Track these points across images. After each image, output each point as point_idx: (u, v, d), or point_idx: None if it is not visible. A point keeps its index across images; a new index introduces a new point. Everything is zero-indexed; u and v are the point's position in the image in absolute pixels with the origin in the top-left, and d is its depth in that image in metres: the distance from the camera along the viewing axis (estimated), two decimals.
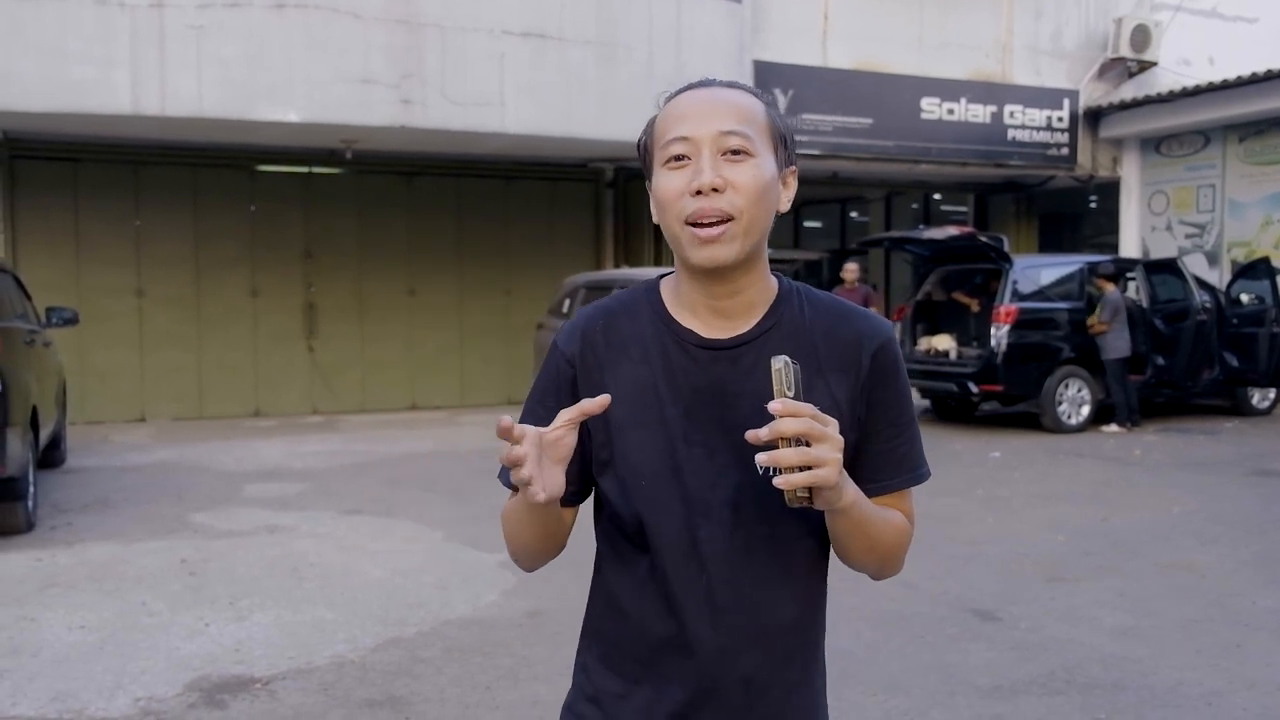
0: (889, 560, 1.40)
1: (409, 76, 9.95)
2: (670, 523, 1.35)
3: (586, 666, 1.46)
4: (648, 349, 1.38)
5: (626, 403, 1.37)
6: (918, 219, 17.71)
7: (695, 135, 1.31)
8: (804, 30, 12.88)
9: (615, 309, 1.44)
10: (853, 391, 1.37)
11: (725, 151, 1.30)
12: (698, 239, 1.30)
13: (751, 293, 1.37)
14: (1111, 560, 5.83)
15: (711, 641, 1.34)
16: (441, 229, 13.38)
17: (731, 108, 1.33)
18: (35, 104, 9.13)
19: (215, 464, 9.12)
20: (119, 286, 11.96)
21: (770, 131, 1.36)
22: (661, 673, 1.37)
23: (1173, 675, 4.11)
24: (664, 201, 1.33)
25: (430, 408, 13.23)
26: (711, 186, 1.28)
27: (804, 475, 1.16)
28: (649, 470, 1.35)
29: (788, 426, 1.15)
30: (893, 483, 1.40)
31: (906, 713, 3.78)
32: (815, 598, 1.42)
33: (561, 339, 1.45)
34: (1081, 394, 11.09)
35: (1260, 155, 13.60)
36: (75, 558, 5.93)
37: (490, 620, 4.75)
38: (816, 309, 1.41)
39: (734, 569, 1.34)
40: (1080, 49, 14.56)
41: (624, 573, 1.40)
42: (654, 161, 1.36)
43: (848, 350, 1.38)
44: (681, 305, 1.39)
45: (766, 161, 1.33)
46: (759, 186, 1.31)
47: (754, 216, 1.31)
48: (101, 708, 3.83)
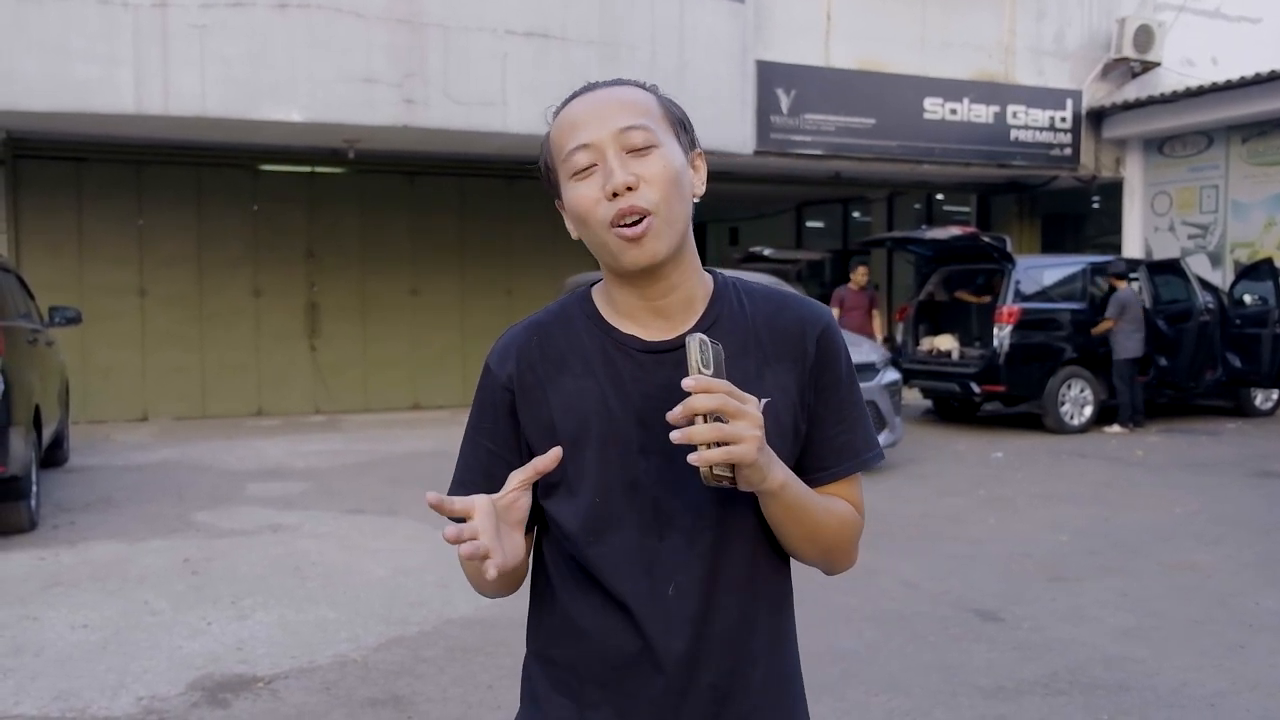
0: (835, 551, 1.36)
1: (412, 76, 9.95)
2: (630, 536, 1.30)
3: (536, 696, 1.39)
4: (589, 360, 1.33)
5: (574, 418, 1.32)
6: (920, 219, 17.70)
7: (595, 139, 1.28)
8: (807, 30, 12.87)
9: (546, 322, 1.39)
10: (801, 379, 1.34)
11: (629, 149, 1.27)
12: (625, 240, 1.26)
13: (687, 288, 1.34)
14: (1114, 560, 5.82)
15: (681, 653, 1.29)
16: (444, 228, 13.38)
17: (623, 104, 1.30)
18: (38, 103, 9.14)
19: (218, 463, 9.13)
20: (122, 286, 11.97)
21: (667, 119, 1.33)
22: (624, 692, 1.31)
23: (1176, 676, 4.11)
24: (581, 213, 1.29)
25: (433, 407, 13.23)
26: (626, 185, 1.25)
27: (718, 451, 1.14)
28: (605, 486, 1.30)
29: (701, 403, 1.13)
30: (837, 470, 1.36)
31: (908, 713, 3.78)
32: (780, 597, 1.38)
33: (494, 361, 1.38)
34: (1084, 394, 11.09)
35: (1263, 156, 13.58)
36: (78, 557, 5.94)
37: (492, 619, 4.75)
38: (754, 300, 1.38)
39: (699, 575, 1.30)
40: (1083, 49, 14.54)
41: (579, 593, 1.34)
42: (559, 177, 1.32)
43: (791, 338, 1.35)
44: (618, 312, 1.35)
45: (672, 149, 1.30)
46: (670, 175, 1.28)
47: (672, 206, 1.28)
48: (104, 707, 3.84)
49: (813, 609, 2.70)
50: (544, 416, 1.34)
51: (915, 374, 11.67)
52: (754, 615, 1.34)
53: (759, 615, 1.35)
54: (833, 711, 3.75)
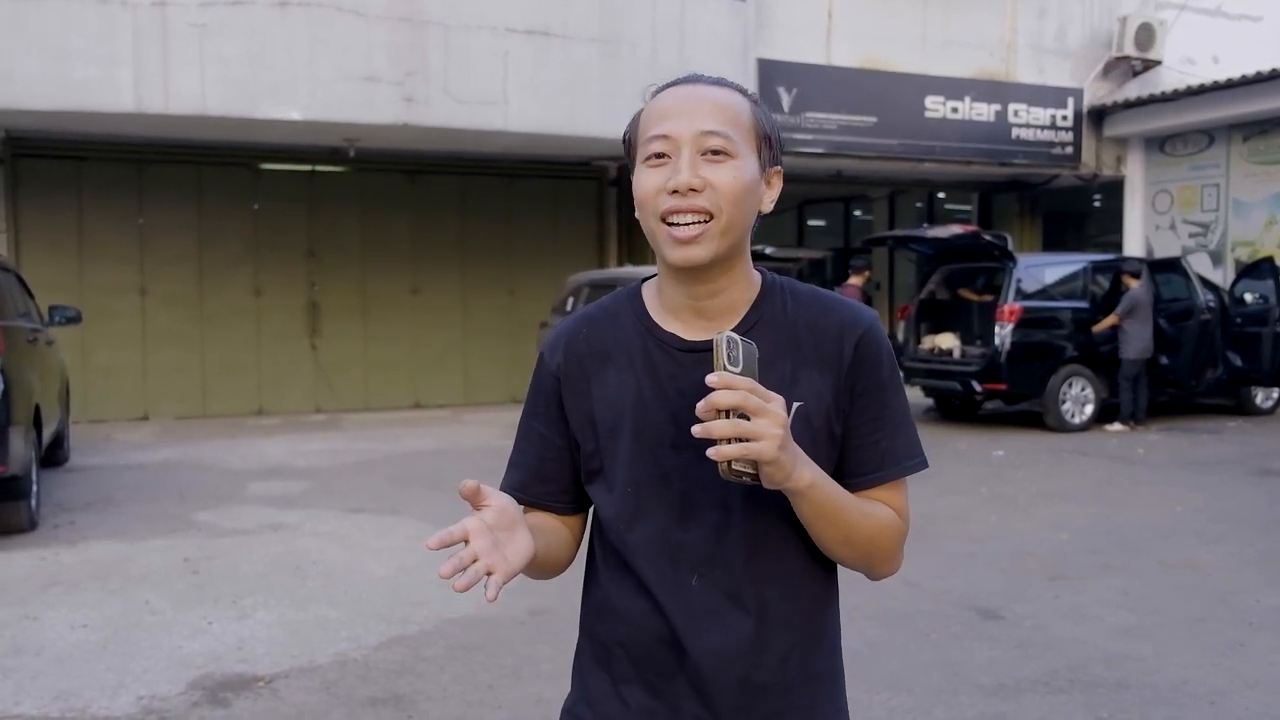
0: (874, 555, 1.35)
1: (412, 74, 9.95)
2: (659, 527, 1.34)
3: (582, 669, 1.45)
4: (632, 355, 1.37)
5: (614, 410, 1.36)
6: (921, 218, 17.69)
7: (675, 134, 1.29)
8: (808, 28, 12.87)
9: (597, 316, 1.43)
10: (837, 383, 1.35)
11: (705, 151, 1.29)
12: (673, 238, 1.29)
13: (733, 292, 1.36)
14: (1115, 559, 5.82)
15: (704, 643, 1.33)
16: (445, 227, 13.38)
17: (714, 106, 1.31)
18: (38, 102, 9.14)
19: (218, 462, 9.13)
20: (122, 285, 11.97)
21: (755, 131, 1.34)
22: (656, 673, 1.36)
23: (1176, 674, 4.10)
24: (642, 199, 1.32)
25: (434, 406, 13.23)
26: (689, 187, 1.27)
27: (736, 447, 1.15)
28: (638, 478, 1.35)
29: (723, 399, 1.14)
30: (876, 476, 1.36)
31: (910, 711, 3.77)
32: (814, 595, 1.39)
33: (546, 350, 1.44)
34: (1085, 393, 11.08)
35: (1264, 154, 13.57)
36: (78, 556, 5.94)
37: (494, 618, 4.75)
38: (799, 302, 1.39)
39: (724, 570, 1.33)
40: (1084, 48, 14.54)
41: (617, 576, 1.39)
42: (636, 157, 1.35)
43: (830, 341, 1.36)
44: (664, 308, 1.38)
45: (748, 162, 1.31)
46: (738, 188, 1.29)
47: (733, 217, 1.29)
48: (104, 706, 3.83)
49: None
50: (585, 407, 1.39)
51: (916, 372, 11.67)
52: (785, 612, 1.36)
53: (791, 613, 1.36)
54: None
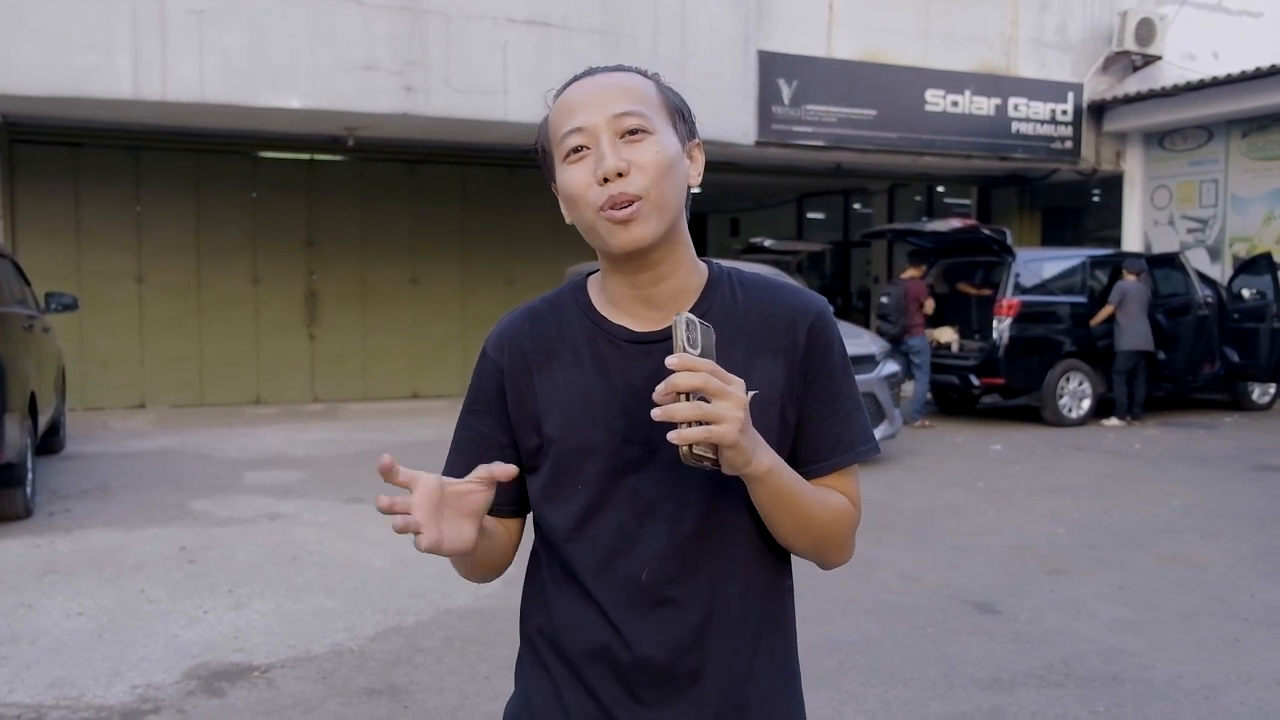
0: (827, 544, 1.34)
1: (412, 64, 9.91)
2: (609, 525, 1.31)
3: (523, 675, 1.42)
4: (578, 349, 1.34)
5: (560, 406, 1.33)
6: (921, 211, 17.69)
7: (590, 123, 1.27)
8: (809, 21, 12.83)
9: (540, 310, 1.40)
10: (790, 370, 1.33)
11: (623, 133, 1.27)
12: (613, 223, 1.26)
13: (678, 278, 1.33)
14: (1111, 553, 5.83)
15: (652, 640, 1.30)
16: (444, 217, 13.36)
17: (622, 89, 1.30)
18: (36, 89, 9.09)
19: (215, 451, 9.12)
20: (119, 272, 11.95)
21: (666, 107, 1.33)
22: (598, 675, 1.32)
23: (1171, 668, 4.11)
24: (573, 196, 1.29)
25: (432, 396, 13.22)
26: (616, 171, 1.25)
27: (698, 430, 1.12)
28: (588, 475, 1.31)
29: (683, 380, 1.12)
30: (828, 463, 1.35)
31: (905, 704, 3.78)
32: (767, 587, 1.37)
33: (490, 345, 1.40)
34: (1082, 387, 11.10)
35: (1263, 150, 13.56)
36: (74, 544, 5.93)
37: (491, 610, 4.75)
38: (748, 291, 1.37)
39: (678, 562, 1.30)
40: (1085, 42, 14.51)
41: (558, 577, 1.36)
42: (554, 160, 1.32)
43: (781, 328, 1.34)
44: (610, 302, 1.35)
45: (667, 137, 1.29)
46: (663, 163, 1.27)
47: (664, 191, 1.27)
48: (99, 695, 3.83)
49: (811, 601, 2.69)
50: (530, 403, 1.35)
51: None
52: (739, 605, 1.33)
53: (745, 605, 1.34)
54: (829, 702, 3.75)
